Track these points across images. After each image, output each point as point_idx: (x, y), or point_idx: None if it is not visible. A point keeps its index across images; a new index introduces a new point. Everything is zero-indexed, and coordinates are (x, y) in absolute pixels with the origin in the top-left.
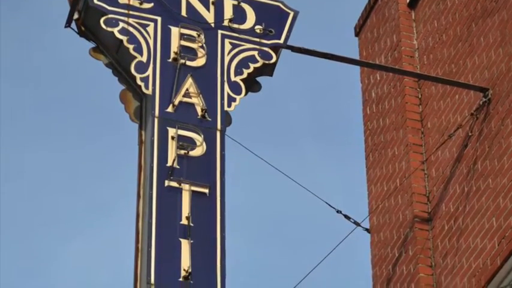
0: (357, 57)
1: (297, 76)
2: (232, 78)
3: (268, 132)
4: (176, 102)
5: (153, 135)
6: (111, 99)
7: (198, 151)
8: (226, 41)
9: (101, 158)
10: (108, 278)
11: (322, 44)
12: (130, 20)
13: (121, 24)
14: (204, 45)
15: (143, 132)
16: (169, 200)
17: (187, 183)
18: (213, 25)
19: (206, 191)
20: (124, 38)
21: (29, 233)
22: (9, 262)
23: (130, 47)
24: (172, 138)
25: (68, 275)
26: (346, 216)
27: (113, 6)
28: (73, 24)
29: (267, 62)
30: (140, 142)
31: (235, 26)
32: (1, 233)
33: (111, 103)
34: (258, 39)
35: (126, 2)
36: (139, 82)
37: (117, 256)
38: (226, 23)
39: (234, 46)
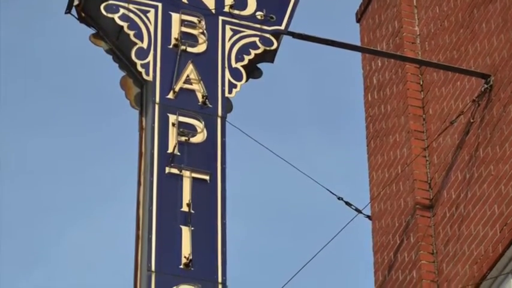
0: (358, 44)
1: (298, 62)
2: (233, 64)
3: (269, 119)
4: (177, 88)
5: (153, 122)
6: (111, 85)
7: (198, 138)
8: (227, 27)
9: (101, 144)
10: (108, 265)
11: (324, 30)
12: (131, 6)
13: (121, 10)
14: (204, 31)
15: (144, 119)
16: (170, 186)
17: (188, 170)
18: (213, 11)
19: (207, 177)
20: (124, 24)
21: (29, 221)
22: (8, 249)
23: (131, 33)
24: (173, 124)
25: (68, 262)
26: (347, 203)
27: None
28: (73, 11)
29: (268, 48)
30: (141, 129)
31: (236, 12)
32: (2, 219)
33: (111, 90)
34: (259, 26)
35: None
36: (139, 68)
37: (118, 243)
38: (227, 9)
39: (235, 32)
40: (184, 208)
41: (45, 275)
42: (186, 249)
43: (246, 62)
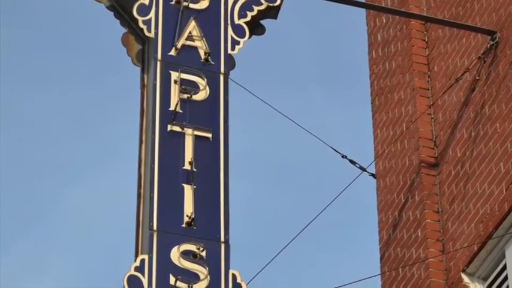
0: (363, 0)
1: (302, 19)
2: (236, 21)
3: (273, 76)
4: (179, 45)
5: (155, 79)
6: (112, 42)
7: (201, 95)
8: None
9: (102, 102)
10: (109, 224)
11: None
12: None
13: None
14: None
15: (145, 76)
16: (172, 144)
17: (190, 128)
18: None
19: (209, 135)
20: None
21: (28, 179)
22: (9, 208)
23: None
24: (175, 82)
25: (69, 221)
26: (351, 161)
27: None
28: None
29: (271, 4)
30: (142, 86)
31: None
32: (1, 178)
33: (112, 46)
34: None
35: None
36: (141, 25)
37: (119, 202)
38: None
39: None
40: (187, 166)
41: (44, 234)
42: (188, 207)
43: (248, 18)
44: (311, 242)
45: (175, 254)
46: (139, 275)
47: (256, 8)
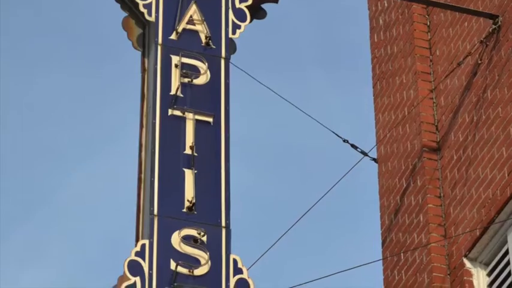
0: None
1: (303, 3)
2: (237, 4)
3: (274, 60)
4: (180, 29)
5: (156, 63)
6: (113, 26)
7: (202, 79)
8: None
9: (102, 86)
10: (110, 208)
11: None
12: None
13: None
14: None
15: (146, 60)
16: (173, 129)
17: (191, 112)
18: None
19: (210, 119)
20: None
21: (30, 163)
22: (10, 192)
23: None
24: (176, 66)
25: (69, 206)
26: (353, 146)
27: None
28: None
29: None
30: (143, 70)
31: None
32: (2, 162)
33: (113, 30)
34: None
35: None
36: (142, 9)
37: (120, 187)
38: None
39: None
40: (188, 151)
41: (44, 219)
42: (189, 192)
43: (250, 2)
44: (312, 227)
45: (176, 239)
46: (139, 260)
47: None
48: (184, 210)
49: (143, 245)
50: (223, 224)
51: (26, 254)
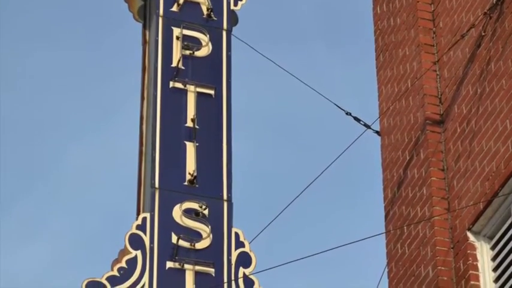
0: None
1: None
2: None
3: (276, 33)
4: (181, 1)
5: (157, 35)
6: None
7: (203, 51)
8: None
9: (103, 58)
10: (111, 182)
11: None
12: None
13: None
14: None
15: (147, 32)
16: (174, 101)
17: (192, 84)
18: None
19: (212, 92)
20: None
21: (29, 137)
22: (10, 165)
23: None
24: (177, 38)
25: (70, 179)
26: (355, 119)
27: None
28: None
29: None
30: (144, 42)
31: None
32: (2, 137)
33: (114, 2)
34: None
35: None
36: None
37: (120, 160)
38: None
39: None
40: (189, 123)
41: (45, 192)
42: (191, 165)
43: None
44: (315, 200)
45: (177, 212)
46: (141, 233)
47: None
48: (186, 183)
49: (144, 219)
50: (225, 197)
51: (26, 228)
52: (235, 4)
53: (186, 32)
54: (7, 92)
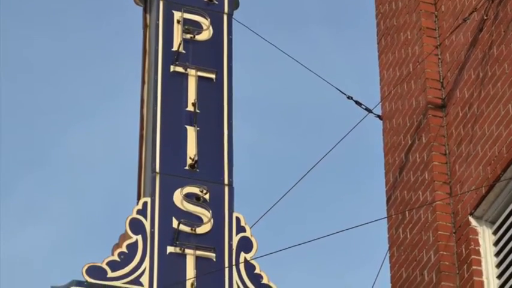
0: None
1: None
2: None
3: (277, 16)
4: None
5: (158, 19)
6: None
7: (204, 35)
8: None
9: (104, 42)
10: (111, 166)
11: None
12: None
13: None
14: None
15: (148, 16)
16: (175, 85)
17: (193, 68)
18: None
19: (213, 76)
20: None
21: (30, 120)
22: (10, 149)
23: None
24: (178, 21)
25: (71, 163)
26: (357, 103)
27: None
28: None
29: None
30: (145, 26)
31: None
32: (3, 119)
33: None
34: None
35: None
36: None
37: (121, 144)
38: None
39: None
40: (190, 108)
41: (45, 176)
42: (192, 150)
43: None
44: (316, 185)
45: (178, 197)
46: (141, 218)
47: None
48: (187, 167)
49: (145, 203)
50: (226, 181)
51: (26, 211)
52: None
53: (187, 16)
54: (7, 75)
